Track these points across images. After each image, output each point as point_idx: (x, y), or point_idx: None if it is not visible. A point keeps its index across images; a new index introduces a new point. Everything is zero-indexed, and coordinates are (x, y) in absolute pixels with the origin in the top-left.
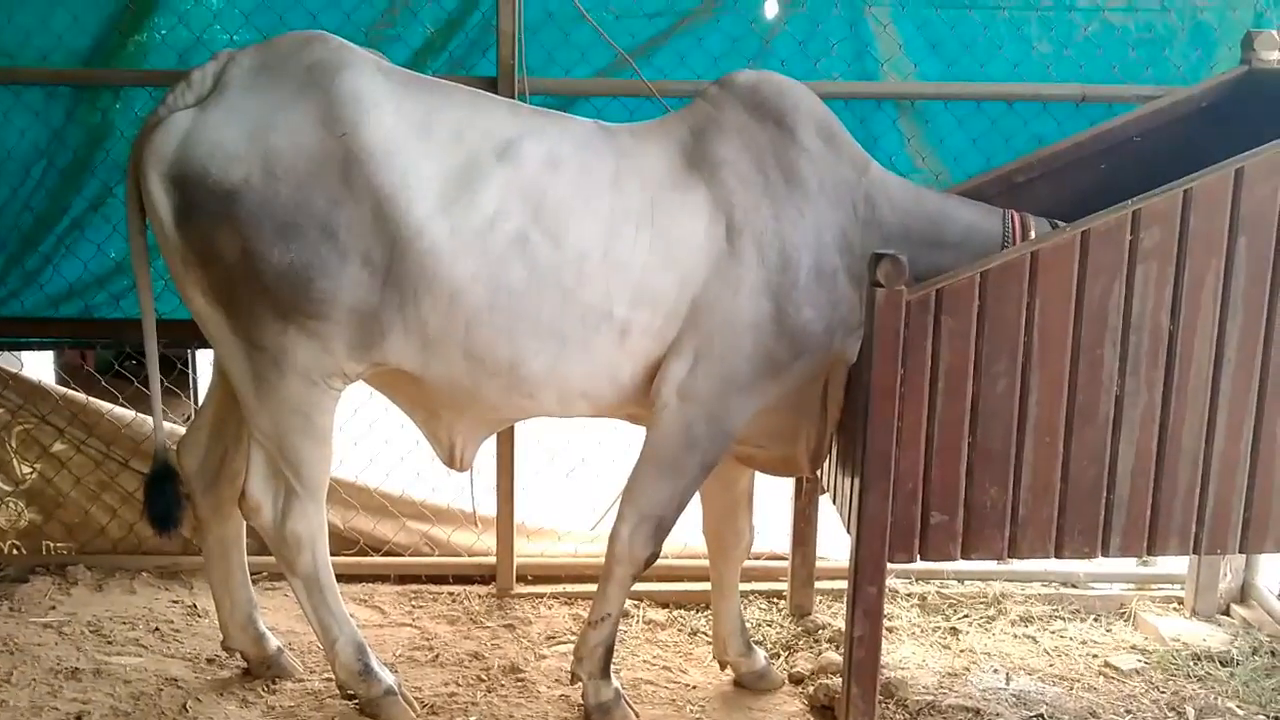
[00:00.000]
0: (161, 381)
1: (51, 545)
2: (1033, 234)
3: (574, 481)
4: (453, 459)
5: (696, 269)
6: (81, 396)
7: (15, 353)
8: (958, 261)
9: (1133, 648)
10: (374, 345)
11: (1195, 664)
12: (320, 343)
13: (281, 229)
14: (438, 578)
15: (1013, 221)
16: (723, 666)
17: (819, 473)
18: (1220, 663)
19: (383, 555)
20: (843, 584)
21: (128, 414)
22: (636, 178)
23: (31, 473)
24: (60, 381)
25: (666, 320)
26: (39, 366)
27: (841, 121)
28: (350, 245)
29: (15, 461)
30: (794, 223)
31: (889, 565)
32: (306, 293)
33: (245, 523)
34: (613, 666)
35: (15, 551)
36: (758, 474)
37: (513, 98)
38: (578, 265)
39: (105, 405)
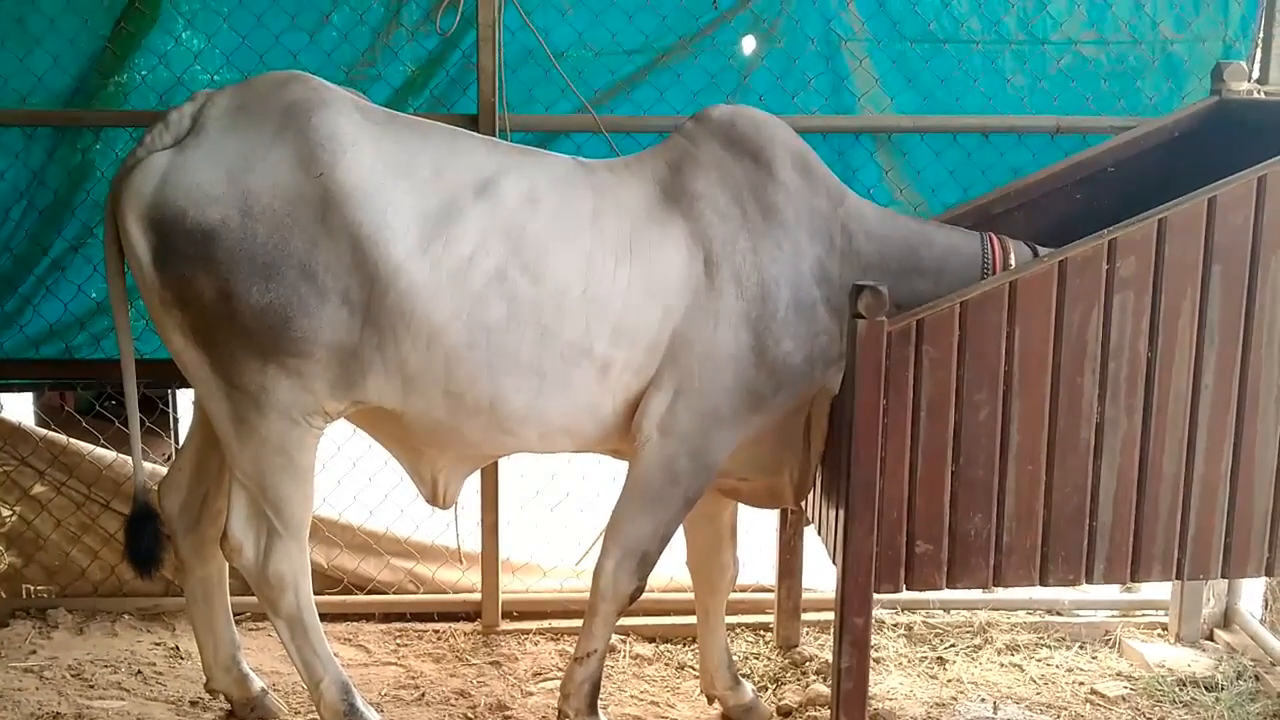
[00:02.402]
0: (143, 422)
1: (32, 589)
2: (1012, 257)
3: (559, 516)
4: (436, 496)
5: (676, 303)
6: (62, 438)
7: None
8: (937, 287)
9: (1118, 674)
10: (354, 384)
11: (1181, 690)
12: (301, 381)
13: (260, 269)
14: (423, 615)
15: (991, 245)
16: (710, 700)
17: (804, 504)
18: (1205, 688)
19: (367, 593)
20: (829, 615)
21: (108, 455)
22: (614, 213)
23: (11, 515)
24: (40, 423)
25: (646, 355)
26: (18, 408)
27: (820, 155)
28: (329, 285)
29: None
30: (772, 255)
31: (875, 596)
32: (286, 332)
33: (228, 563)
34: (600, 702)
35: None
36: (742, 506)
37: (493, 135)
38: (557, 302)
39: (86, 447)
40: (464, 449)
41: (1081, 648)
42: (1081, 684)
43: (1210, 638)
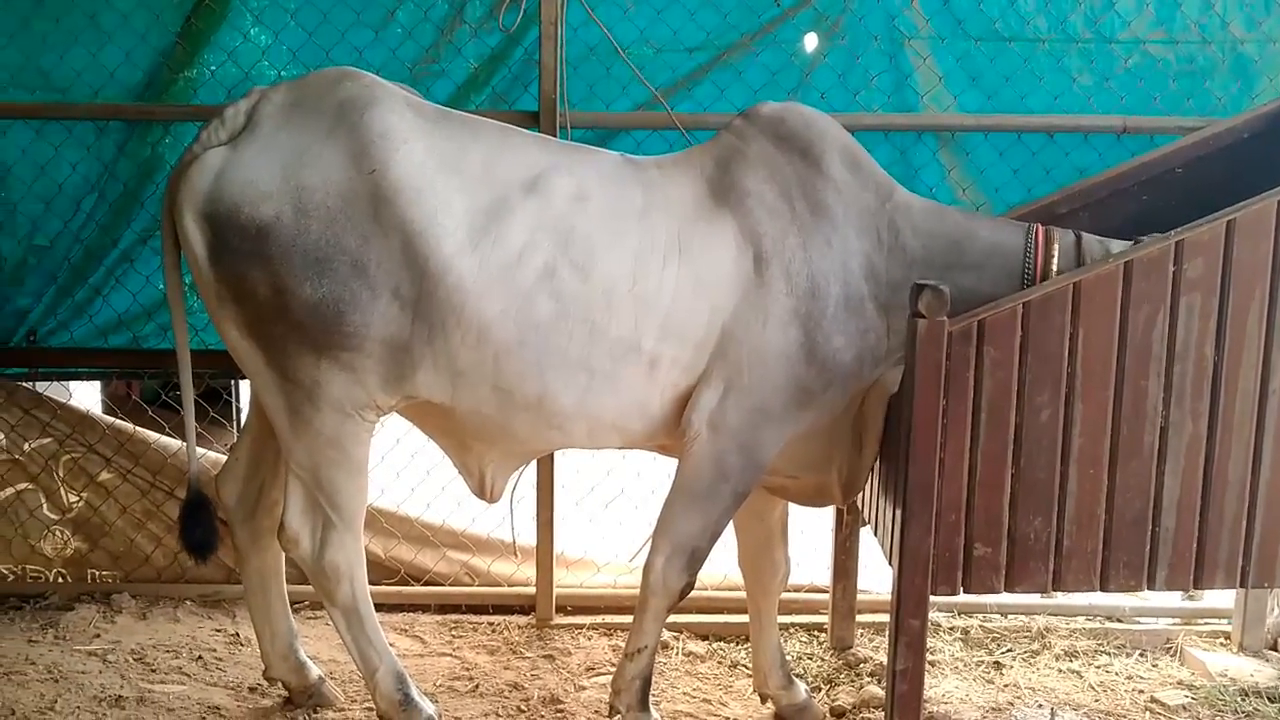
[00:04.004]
0: (207, 411)
1: (97, 574)
2: (1055, 248)
3: (613, 512)
4: (483, 490)
5: (725, 299)
6: (128, 426)
7: (63, 382)
8: (980, 281)
9: (1179, 683)
10: (405, 378)
11: (1243, 700)
12: (353, 375)
13: (313, 265)
14: (478, 608)
15: (1036, 236)
16: (763, 699)
17: (860, 504)
18: (1268, 699)
19: (423, 585)
20: (884, 617)
21: (174, 443)
22: (663, 210)
23: (78, 501)
24: (107, 411)
25: (696, 352)
26: (87, 396)
27: (881, 154)
28: (380, 280)
29: (62, 490)
30: (821, 252)
31: (931, 598)
32: (338, 327)
33: (284, 553)
34: (652, 698)
35: (61, 580)
36: (795, 506)
37: (554, 131)
38: (605, 298)
39: (151, 435)
40: (512, 444)
41: (1142, 655)
42: (1141, 692)
43: (1274, 647)
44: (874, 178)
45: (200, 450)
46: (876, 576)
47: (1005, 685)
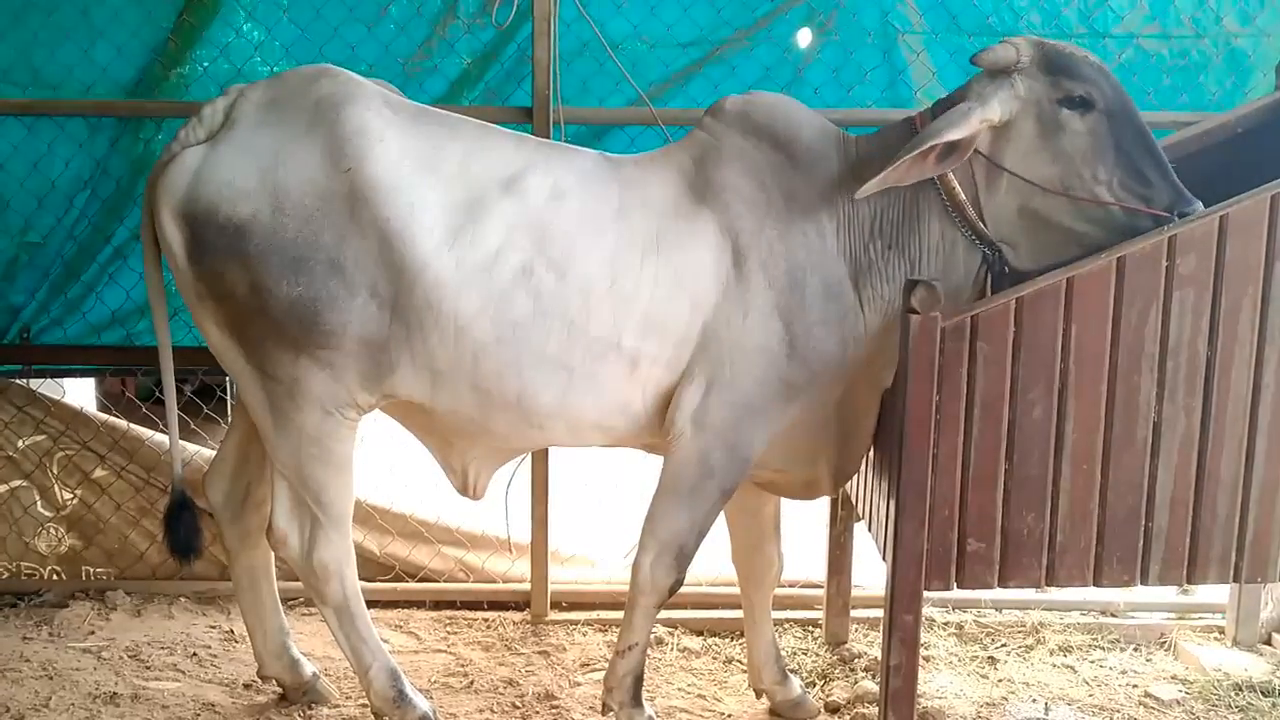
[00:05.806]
0: (201, 408)
1: (91, 571)
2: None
3: (608, 508)
4: (466, 487)
5: (705, 295)
6: (122, 423)
7: (57, 379)
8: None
9: (1173, 678)
10: (384, 377)
11: (1237, 694)
12: (332, 373)
13: (290, 264)
14: (472, 604)
15: (916, 121)
16: (758, 695)
17: (854, 500)
18: (1262, 693)
19: (418, 581)
20: (879, 612)
21: (168, 440)
22: (641, 207)
23: (72, 498)
24: (101, 408)
25: (677, 349)
26: (81, 393)
27: None
28: (357, 279)
29: (56, 487)
30: (798, 242)
31: (925, 593)
32: (315, 325)
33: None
34: (647, 694)
35: (55, 577)
36: (785, 501)
37: (547, 127)
38: (583, 297)
39: (145, 432)
40: (493, 442)
41: (1136, 650)
42: (1135, 686)
43: (1268, 642)
44: (837, 148)
45: (194, 448)
46: (871, 572)
47: (999, 680)
